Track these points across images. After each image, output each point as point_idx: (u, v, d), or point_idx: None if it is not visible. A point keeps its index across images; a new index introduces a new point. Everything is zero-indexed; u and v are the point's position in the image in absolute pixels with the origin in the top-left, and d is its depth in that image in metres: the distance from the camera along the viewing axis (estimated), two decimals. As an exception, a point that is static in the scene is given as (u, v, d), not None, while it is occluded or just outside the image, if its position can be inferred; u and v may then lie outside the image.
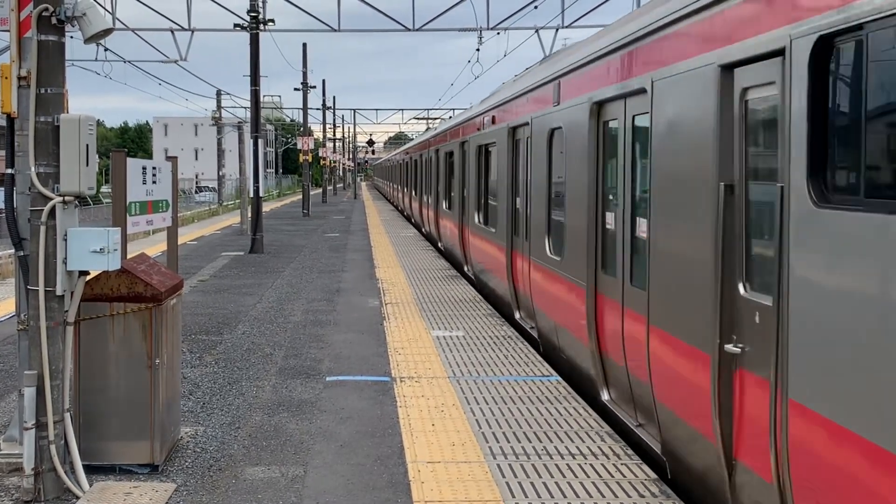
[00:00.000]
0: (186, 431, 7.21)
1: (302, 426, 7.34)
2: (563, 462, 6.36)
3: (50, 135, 5.66)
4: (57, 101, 5.72)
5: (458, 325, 11.85)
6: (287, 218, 40.68)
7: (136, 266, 6.47)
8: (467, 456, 6.49)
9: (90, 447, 6.18)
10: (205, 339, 11.18)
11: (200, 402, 8.18)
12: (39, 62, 5.61)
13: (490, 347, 10.38)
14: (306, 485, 5.99)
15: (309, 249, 24.02)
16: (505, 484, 5.91)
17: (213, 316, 12.95)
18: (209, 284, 16.68)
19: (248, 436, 7.11)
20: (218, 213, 48.84)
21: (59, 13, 5.64)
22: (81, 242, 5.68)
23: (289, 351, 10.40)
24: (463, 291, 15.06)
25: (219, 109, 54.85)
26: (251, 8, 24.38)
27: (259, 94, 24.45)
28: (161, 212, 9.70)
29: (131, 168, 8.63)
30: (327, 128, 70.95)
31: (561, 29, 25.38)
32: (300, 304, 14.09)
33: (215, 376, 9.17)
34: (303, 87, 47.20)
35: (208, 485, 6.02)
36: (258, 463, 6.45)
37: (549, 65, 10.65)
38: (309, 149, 44.66)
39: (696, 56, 5.54)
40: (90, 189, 5.81)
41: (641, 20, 6.69)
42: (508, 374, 9.02)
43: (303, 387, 8.66)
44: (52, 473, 5.72)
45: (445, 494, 5.73)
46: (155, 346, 6.24)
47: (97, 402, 6.24)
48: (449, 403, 7.93)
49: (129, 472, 6.22)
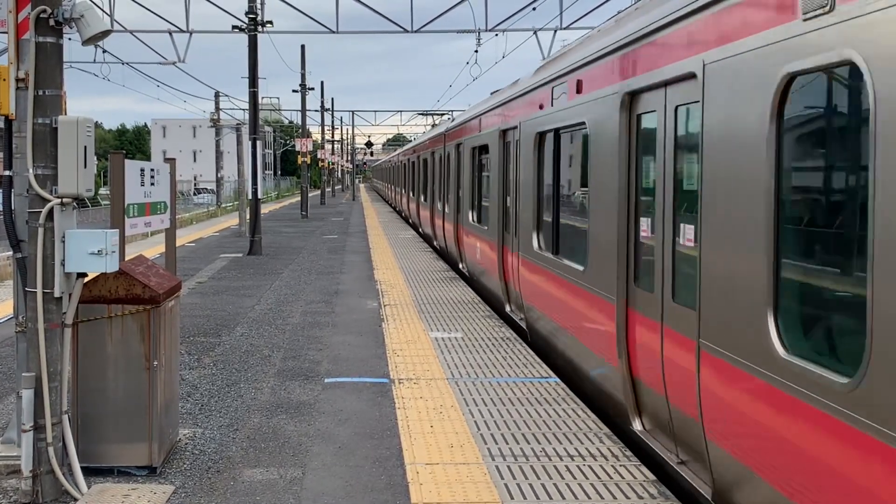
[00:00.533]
0: (185, 433, 7.21)
1: (300, 428, 7.33)
2: (562, 463, 6.36)
3: (48, 137, 5.65)
4: (55, 102, 5.71)
5: (457, 326, 11.84)
6: (286, 220, 40.67)
7: (135, 268, 6.46)
8: (466, 457, 6.49)
9: (88, 449, 6.17)
10: (203, 341, 11.17)
11: (199, 403, 8.17)
12: (37, 64, 5.61)
13: (489, 349, 10.37)
14: (305, 486, 5.98)
15: (307, 251, 24.01)
16: (504, 485, 5.91)
17: (212, 318, 12.94)
18: (208, 286, 16.67)
19: (246, 437, 7.10)
20: (216, 215, 48.80)
21: (57, 15, 5.64)
22: (79, 244, 5.68)
23: (287, 353, 10.40)
24: (461, 293, 15.05)
25: (217, 111, 54.80)
26: (249, 10, 24.37)
27: (257, 96, 24.45)
28: (159, 213, 9.70)
29: (129, 170, 8.63)
30: (326, 129, 70.96)
31: (559, 30, 25.42)
32: (299, 305, 14.09)
33: (214, 378, 9.16)
34: (301, 88, 47.21)
35: (206, 487, 6.01)
36: (256, 465, 6.45)
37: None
38: (307, 150, 44.65)
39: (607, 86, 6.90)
40: (88, 191, 5.80)
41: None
42: (507, 376, 9.02)
43: (301, 388, 8.65)
44: (50, 475, 5.71)
45: (444, 496, 5.73)
46: (153, 347, 6.23)
47: (95, 403, 6.23)
48: (448, 405, 7.93)
49: (128, 474, 6.21)
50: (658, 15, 6.28)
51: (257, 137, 24.14)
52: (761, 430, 4.64)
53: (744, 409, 4.84)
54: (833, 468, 3.95)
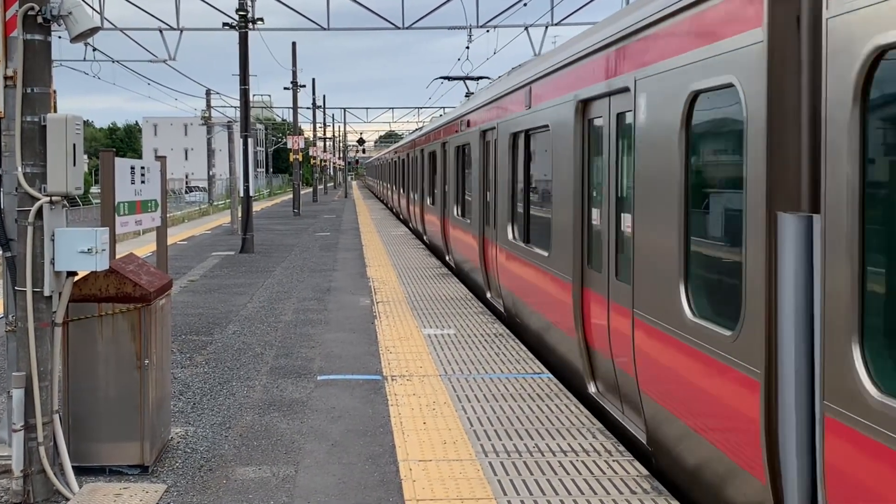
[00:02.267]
0: (177, 432, 7.19)
1: (293, 426, 7.32)
2: (555, 459, 6.36)
3: (37, 135, 5.62)
4: (43, 100, 5.68)
5: (450, 323, 11.84)
6: (278, 217, 40.61)
7: (125, 266, 6.43)
8: (459, 454, 6.48)
9: (80, 448, 6.15)
10: (195, 339, 11.14)
11: (191, 402, 8.15)
12: (25, 62, 5.58)
13: (481, 345, 10.37)
14: (297, 484, 5.97)
15: (300, 249, 23.98)
16: (497, 482, 5.91)
17: (204, 316, 12.91)
18: (199, 284, 16.63)
19: (238, 436, 7.08)
20: (208, 213, 48.71)
21: (45, 12, 5.60)
22: (69, 243, 5.65)
23: (280, 350, 10.38)
24: (454, 289, 15.05)
25: (208, 109, 54.71)
26: (240, 7, 24.30)
27: (249, 94, 24.38)
28: (150, 212, 9.66)
29: (120, 168, 8.60)
30: (317, 127, 70.85)
31: (550, 26, 25.40)
32: (291, 303, 14.07)
33: (206, 376, 9.14)
34: (292, 85, 47.11)
35: (199, 485, 6.00)
36: (249, 463, 6.43)
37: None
38: (299, 148, 44.58)
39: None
40: (77, 189, 5.77)
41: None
42: (500, 372, 9.02)
43: (294, 386, 8.64)
44: (41, 475, 5.69)
45: (437, 493, 5.72)
46: (144, 346, 6.21)
47: (86, 403, 6.20)
48: (440, 401, 7.92)
49: (120, 473, 6.19)
50: (605, 34, 7.31)
51: (249, 135, 24.08)
52: (675, 377, 5.76)
53: (665, 362, 5.95)
54: (725, 403, 5.01)
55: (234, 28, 24.57)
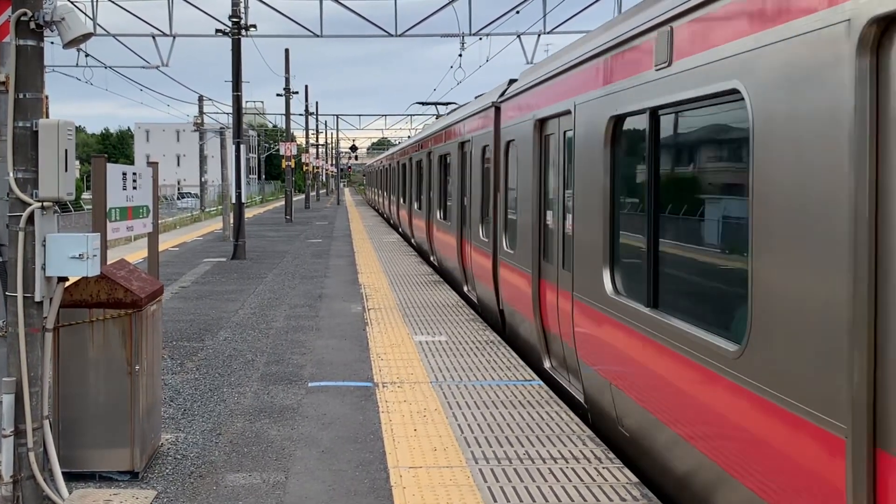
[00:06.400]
0: (167, 438, 7.18)
1: (283, 432, 7.32)
2: (545, 466, 6.37)
3: (28, 140, 5.62)
4: (35, 106, 5.68)
5: (441, 330, 11.85)
6: (270, 224, 40.57)
7: (116, 272, 6.43)
8: (449, 461, 6.49)
9: (70, 454, 6.14)
10: (186, 346, 11.13)
11: (181, 408, 8.14)
12: (18, 67, 5.57)
13: (473, 352, 10.38)
14: (287, 491, 5.97)
15: (291, 255, 23.96)
16: (487, 488, 5.92)
17: (195, 322, 12.89)
18: (191, 290, 16.61)
19: (229, 442, 7.08)
20: (200, 220, 48.58)
21: (38, 18, 5.60)
22: (60, 248, 5.64)
23: (271, 357, 10.37)
24: (446, 296, 15.06)
25: (201, 115, 54.69)
26: (233, 13, 24.32)
27: (241, 100, 24.38)
28: (141, 218, 9.66)
29: (111, 173, 8.60)
30: (310, 133, 70.84)
31: (543, 34, 25.50)
32: (282, 310, 14.06)
33: (196, 383, 9.13)
34: (285, 92, 47.14)
35: (189, 492, 5.99)
36: (239, 469, 6.43)
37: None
38: (291, 154, 44.57)
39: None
40: (69, 194, 5.76)
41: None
42: (491, 379, 9.03)
43: (284, 393, 8.63)
44: (31, 481, 5.67)
45: (427, 499, 5.73)
46: (135, 352, 6.21)
47: (77, 408, 6.19)
48: (431, 408, 7.93)
49: (109, 480, 6.18)
50: (557, 64, 8.61)
51: (241, 141, 24.06)
52: (602, 344, 7.10)
53: (594, 333, 7.30)
54: (642, 364, 6.10)
55: (226, 34, 24.58)
